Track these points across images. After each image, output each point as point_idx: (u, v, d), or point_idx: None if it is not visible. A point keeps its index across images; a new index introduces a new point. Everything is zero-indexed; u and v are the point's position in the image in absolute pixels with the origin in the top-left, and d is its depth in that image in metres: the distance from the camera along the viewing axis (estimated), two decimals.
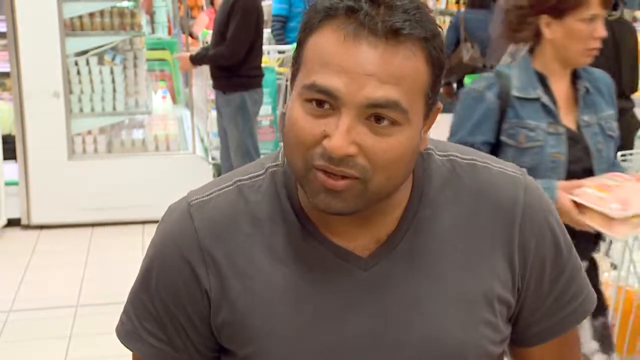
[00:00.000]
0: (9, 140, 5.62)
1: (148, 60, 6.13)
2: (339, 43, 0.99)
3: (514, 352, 1.26)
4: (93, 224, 5.57)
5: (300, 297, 1.10)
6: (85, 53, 5.71)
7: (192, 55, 5.06)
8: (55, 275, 4.73)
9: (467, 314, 1.11)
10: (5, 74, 5.80)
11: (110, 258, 4.98)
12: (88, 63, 5.63)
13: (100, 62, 5.72)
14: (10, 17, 5.35)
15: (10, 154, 5.58)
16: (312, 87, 1.00)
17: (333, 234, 1.11)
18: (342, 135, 0.98)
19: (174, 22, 8.21)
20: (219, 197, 1.14)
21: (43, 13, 5.38)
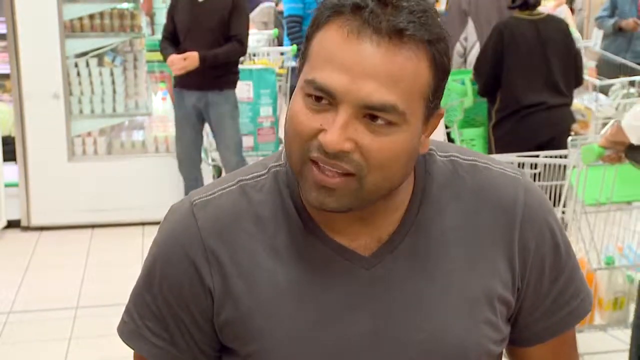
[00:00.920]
0: (9, 142, 5.61)
1: (148, 62, 6.11)
2: (343, 40, 1.00)
3: (513, 352, 1.26)
4: (93, 225, 5.56)
5: (303, 295, 1.10)
6: (85, 54, 5.70)
7: (202, 54, 4.86)
8: (55, 277, 4.72)
9: (468, 313, 1.12)
10: (5, 76, 5.78)
11: (110, 259, 4.97)
12: (88, 64, 5.63)
13: (100, 63, 5.72)
14: (11, 18, 5.34)
15: (10, 156, 5.56)
16: (311, 83, 1.01)
17: (335, 233, 1.11)
18: (337, 131, 0.99)
19: None
20: (222, 196, 1.14)
21: (43, 15, 5.37)
